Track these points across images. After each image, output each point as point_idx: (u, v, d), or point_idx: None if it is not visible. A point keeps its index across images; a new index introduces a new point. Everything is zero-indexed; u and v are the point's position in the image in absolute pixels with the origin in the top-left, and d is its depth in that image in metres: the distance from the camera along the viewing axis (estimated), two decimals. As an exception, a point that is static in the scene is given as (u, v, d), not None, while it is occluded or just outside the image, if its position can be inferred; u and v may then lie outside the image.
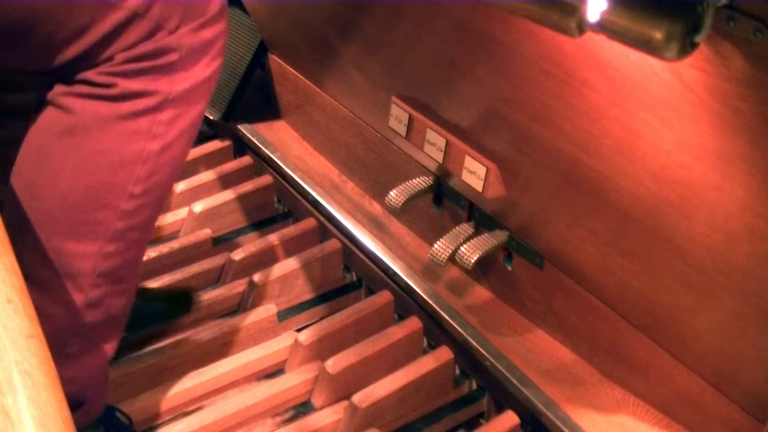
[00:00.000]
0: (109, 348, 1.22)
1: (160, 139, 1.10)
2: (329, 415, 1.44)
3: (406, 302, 1.62)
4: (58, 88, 1.08)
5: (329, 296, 1.74)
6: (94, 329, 1.18)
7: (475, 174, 1.42)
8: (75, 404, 1.21)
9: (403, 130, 1.55)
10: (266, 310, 1.64)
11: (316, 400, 1.50)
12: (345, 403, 1.45)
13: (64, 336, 1.15)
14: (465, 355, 1.50)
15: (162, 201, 1.17)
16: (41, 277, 1.11)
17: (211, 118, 2.03)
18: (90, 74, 1.06)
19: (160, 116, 1.09)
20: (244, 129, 2.03)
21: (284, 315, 1.68)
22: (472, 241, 1.47)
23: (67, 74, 1.07)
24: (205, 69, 1.11)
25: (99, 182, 1.09)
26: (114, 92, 1.06)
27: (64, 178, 1.09)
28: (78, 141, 1.08)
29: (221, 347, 1.58)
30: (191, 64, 1.09)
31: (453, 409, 1.51)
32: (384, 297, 1.64)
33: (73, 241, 1.10)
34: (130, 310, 1.23)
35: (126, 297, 1.20)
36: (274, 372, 1.57)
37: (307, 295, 1.73)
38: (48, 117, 1.09)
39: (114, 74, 1.06)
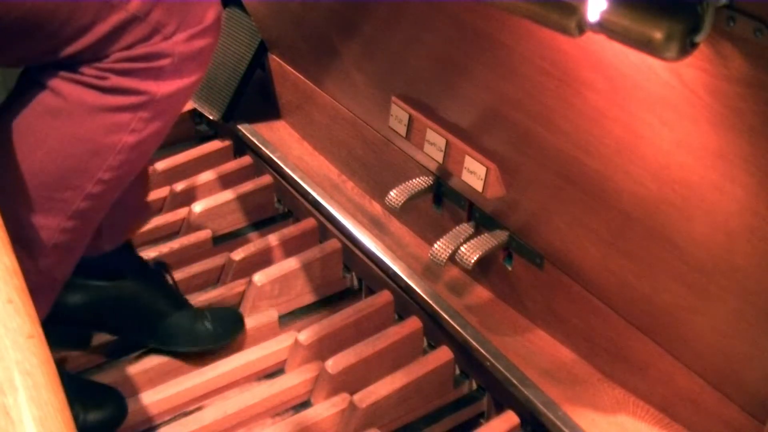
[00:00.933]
0: (46, 307, 1.25)
1: (137, 134, 1.14)
2: (329, 414, 1.44)
3: (406, 302, 1.62)
4: (48, 70, 1.11)
5: (329, 297, 1.74)
6: (35, 290, 1.19)
7: (475, 174, 1.42)
8: None
9: (403, 130, 1.55)
10: (267, 316, 1.64)
11: (316, 400, 1.50)
12: (345, 401, 1.45)
13: None
14: (465, 355, 1.50)
15: (125, 185, 1.22)
16: None
17: (211, 118, 2.03)
18: (85, 67, 1.09)
19: (142, 113, 1.13)
20: (244, 129, 2.03)
21: (285, 316, 1.68)
22: (472, 241, 1.47)
23: (63, 65, 1.10)
24: (190, 77, 1.15)
25: (72, 165, 1.13)
26: (105, 84, 1.10)
27: (39, 156, 1.13)
28: (60, 123, 1.12)
29: (221, 347, 1.58)
30: (180, 70, 1.13)
31: (453, 409, 1.51)
32: (384, 297, 1.64)
33: (34, 213, 1.15)
34: (69, 274, 1.27)
35: (73, 263, 1.24)
36: (274, 372, 1.57)
37: (307, 296, 1.73)
38: (35, 94, 1.13)
39: (108, 70, 1.10)
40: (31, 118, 1.13)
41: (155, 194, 1.93)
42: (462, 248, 1.47)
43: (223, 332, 1.56)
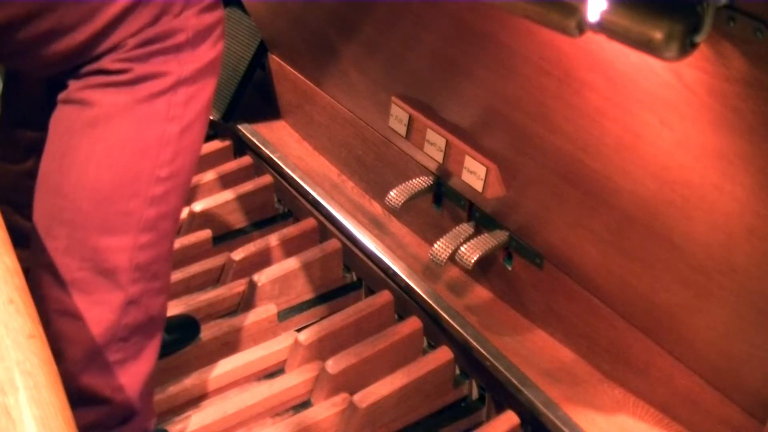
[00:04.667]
0: (151, 355, 1.22)
1: (178, 120, 1.12)
2: (329, 414, 1.44)
3: (406, 302, 1.62)
4: (72, 85, 1.10)
5: (329, 296, 1.74)
6: (136, 332, 1.18)
7: (475, 174, 1.42)
8: (123, 418, 1.20)
9: (403, 130, 1.55)
10: (266, 310, 1.64)
11: (316, 400, 1.50)
12: (345, 401, 1.45)
13: (107, 340, 1.16)
14: (465, 355, 1.50)
15: (186, 189, 1.19)
16: (79, 279, 1.12)
17: (211, 118, 2.03)
18: (103, 63, 1.09)
19: (176, 98, 1.12)
20: (244, 129, 2.03)
21: (284, 315, 1.68)
22: (472, 241, 1.48)
23: (79, 65, 1.09)
24: (209, 51, 1.14)
25: (126, 170, 1.11)
26: (129, 77, 1.09)
27: (92, 171, 1.10)
28: (101, 131, 1.10)
29: (221, 347, 1.58)
30: (197, 45, 1.13)
31: (453, 410, 1.51)
32: (384, 297, 1.64)
33: (107, 235, 1.12)
34: (165, 316, 1.24)
35: (162, 298, 1.21)
36: (274, 372, 1.57)
37: (307, 295, 1.73)
38: (67, 115, 1.11)
39: (127, 60, 1.09)
40: (72, 139, 1.11)
41: (155, 194, 1.93)
42: (462, 248, 1.47)
43: (181, 338, 1.56)
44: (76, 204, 1.11)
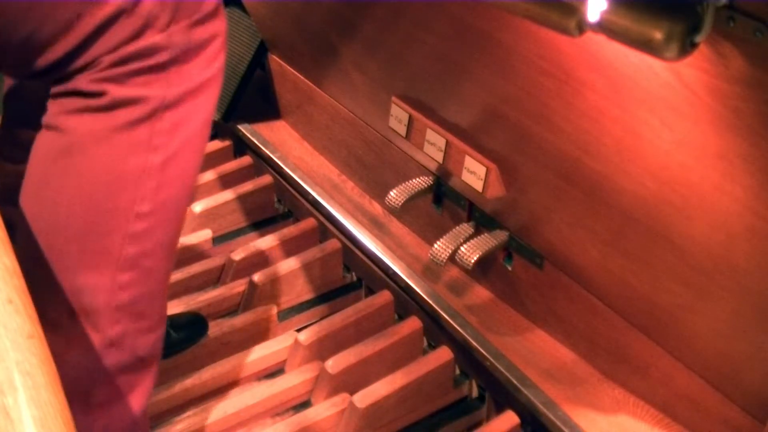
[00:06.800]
0: (142, 395, 1.12)
1: (162, 150, 1.01)
2: (329, 414, 1.44)
3: (406, 302, 1.62)
4: (51, 108, 1.01)
5: (329, 296, 1.74)
6: (121, 373, 1.08)
7: (475, 174, 1.42)
8: None
9: (403, 130, 1.55)
10: (266, 310, 1.64)
11: (316, 400, 1.50)
12: (345, 401, 1.45)
13: (86, 382, 1.07)
14: (465, 355, 1.50)
15: (176, 222, 1.07)
16: (55, 318, 1.03)
17: (211, 118, 2.03)
18: (78, 82, 0.98)
19: (160, 125, 1.00)
20: (244, 129, 2.03)
21: (284, 315, 1.68)
22: (472, 241, 1.47)
23: (55, 82, 1.00)
24: (204, 70, 1.02)
25: (99, 205, 1.00)
26: (105, 101, 0.97)
27: (63, 207, 1.01)
28: (74, 162, 0.99)
29: (221, 347, 1.58)
30: (186, 64, 1.00)
31: (453, 410, 1.51)
32: (384, 297, 1.64)
33: (83, 273, 1.02)
34: (161, 350, 1.14)
35: (153, 336, 1.10)
36: (274, 372, 1.57)
37: (307, 295, 1.73)
38: (44, 142, 1.02)
39: (102, 80, 0.97)
40: (45, 170, 1.01)
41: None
42: (462, 248, 1.47)
43: (189, 336, 1.55)
44: (50, 240, 1.01)
